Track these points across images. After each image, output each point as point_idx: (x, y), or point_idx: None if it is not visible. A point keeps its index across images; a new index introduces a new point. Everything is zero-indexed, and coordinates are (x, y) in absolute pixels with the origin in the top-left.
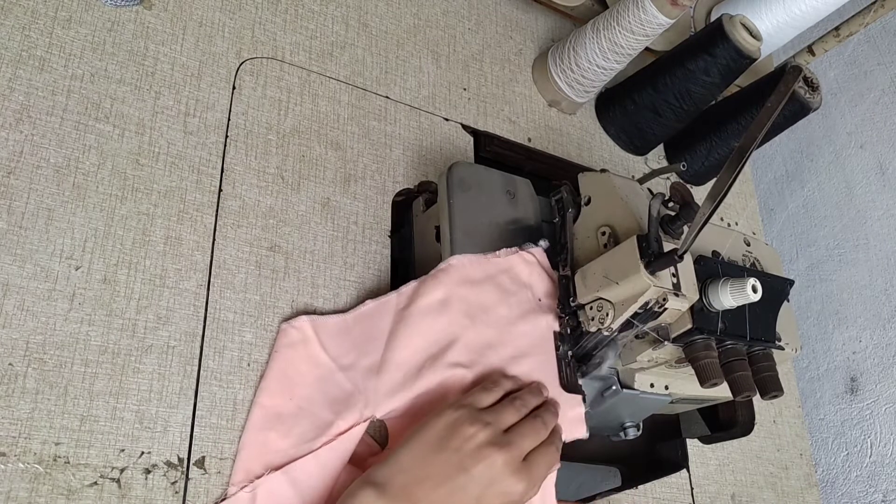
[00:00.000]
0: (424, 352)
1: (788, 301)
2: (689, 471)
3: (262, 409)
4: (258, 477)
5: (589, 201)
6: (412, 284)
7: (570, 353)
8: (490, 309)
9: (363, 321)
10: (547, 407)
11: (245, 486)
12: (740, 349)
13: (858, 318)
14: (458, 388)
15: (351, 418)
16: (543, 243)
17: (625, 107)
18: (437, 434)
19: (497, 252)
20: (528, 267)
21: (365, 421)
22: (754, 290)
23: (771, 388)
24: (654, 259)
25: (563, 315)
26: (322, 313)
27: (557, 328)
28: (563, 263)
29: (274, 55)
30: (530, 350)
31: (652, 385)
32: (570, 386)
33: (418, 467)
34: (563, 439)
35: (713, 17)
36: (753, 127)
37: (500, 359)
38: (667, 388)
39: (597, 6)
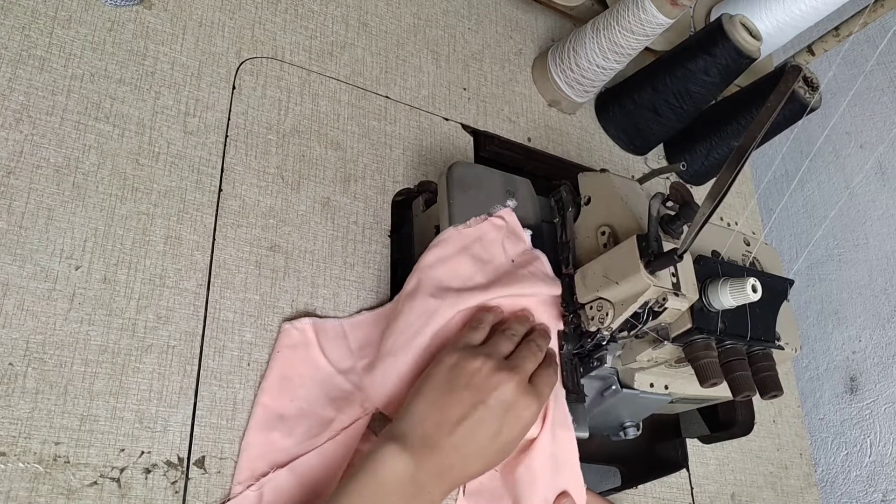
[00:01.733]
0: (404, 332)
1: (788, 301)
2: (688, 470)
3: (264, 410)
4: (264, 475)
5: (589, 201)
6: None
7: (573, 353)
8: (466, 279)
9: (359, 329)
10: (537, 331)
11: (251, 484)
12: (740, 349)
13: (858, 318)
14: (445, 343)
15: (353, 413)
16: (511, 203)
17: (625, 107)
18: (444, 378)
19: (468, 221)
20: (498, 232)
21: (367, 414)
22: (754, 289)
23: (770, 387)
24: (654, 259)
25: (568, 313)
26: (322, 315)
27: (540, 272)
28: (566, 263)
29: (274, 55)
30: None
31: (652, 385)
32: (572, 386)
33: (435, 413)
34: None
35: (713, 17)
36: (753, 127)
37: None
38: (666, 387)
39: (597, 6)
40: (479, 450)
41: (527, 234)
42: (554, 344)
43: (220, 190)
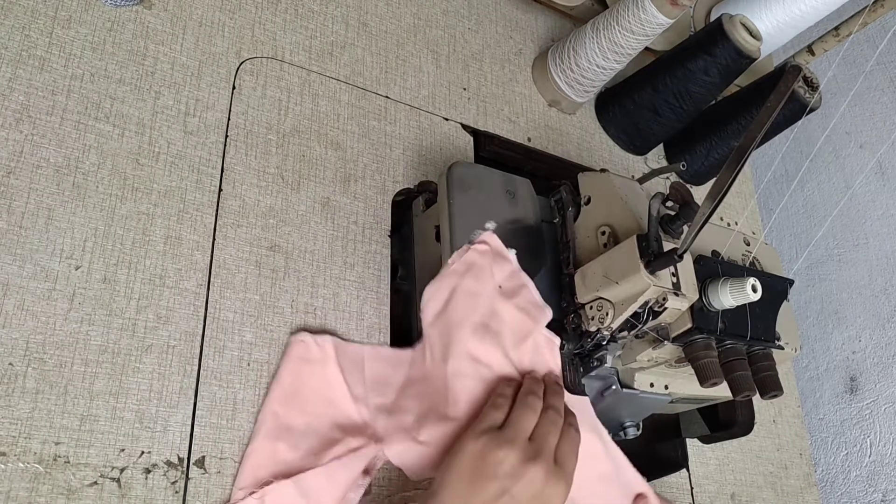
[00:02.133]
0: (428, 398)
1: (788, 301)
2: (688, 470)
3: (274, 418)
4: (266, 484)
5: (589, 201)
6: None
7: (574, 353)
8: (463, 321)
9: (377, 362)
10: (550, 391)
11: (253, 491)
12: (740, 349)
13: (858, 318)
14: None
15: (359, 440)
16: (490, 225)
17: (625, 106)
18: (469, 468)
19: (450, 259)
20: (483, 258)
21: (377, 445)
22: (754, 289)
23: (770, 387)
24: (654, 259)
25: (568, 313)
26: (340, 336)
27: (526, 304)
28: (565, 263)
29: (274, 55)
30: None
31: (652, 385)
32: (573, 387)
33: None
34: None
35: (713, 17)
36: (753, 126)
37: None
38: (666, 387)
39: (597, 6)
40: None
41: (511, 254)
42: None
43: (220, 190)
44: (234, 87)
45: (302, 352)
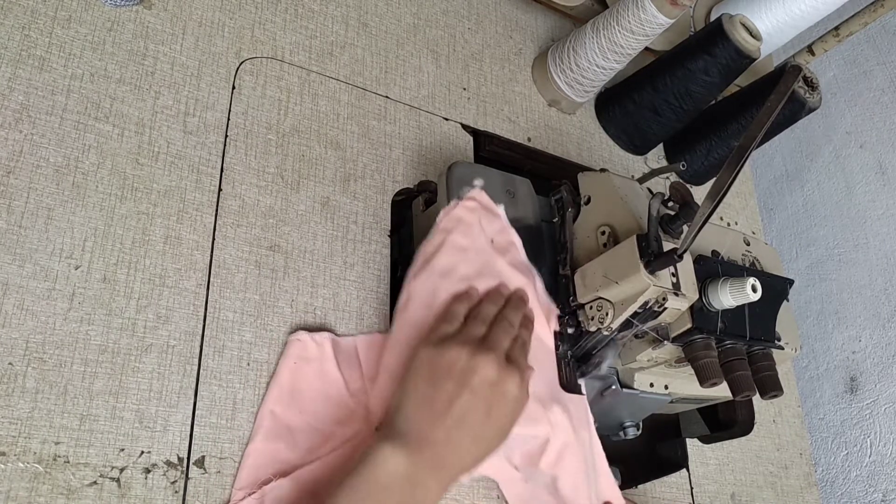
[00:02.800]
0: (401, 345)
1: (788, 301)
2: (688, 470)
3: (273, 419)
4: (266, 483)
5: (589, 201)
6: None
7: (569, 352)
8: (451, 271)
9: (370, 350)
10: (510, 305)
11: (253, 492)
12: (740, 349)
13: (858, 318)
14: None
15: (355, 427)
16: (478, 182)
17: (625, 106)
18: (425, 373)
19: (438, 218)
20: (473, 214)
21: (371, 428)
22: (754, 289)
23: (770, 387)
24: (654, 258)
25: (563, 315)
26: (339, 333)
27: (517, 262)
28: (563, 263)
29: (274, 55)
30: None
31: (651, 385)
32: (569, 386)
33: (423, 408)
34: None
35: (713, 17)
36: (753, 126)
37: None
38: (666, 387)
39: (597, 6)
40: (473, 437)
41: (500, 209)
42: (537, 309)
43: (220, 190)
44: (233, 87)
45: (300, 350)
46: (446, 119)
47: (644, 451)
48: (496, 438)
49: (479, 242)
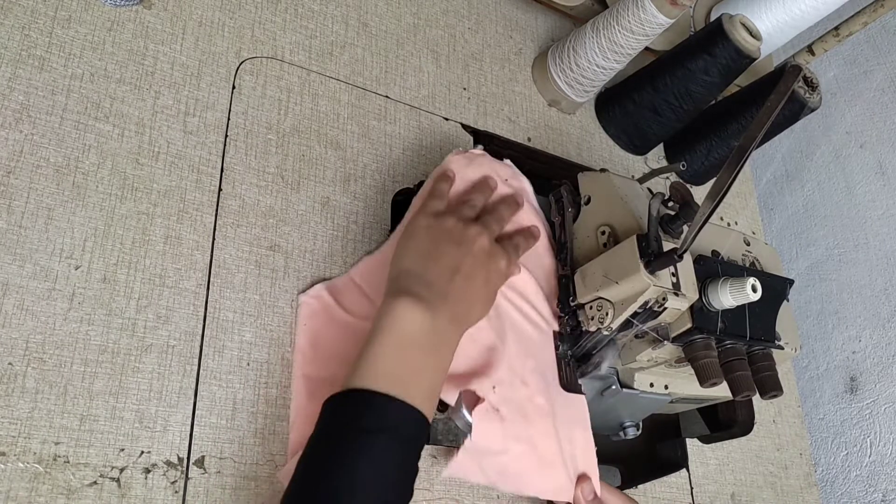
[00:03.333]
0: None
1: (788, 301)
2: (688, 470)
3: (308, 380)
4: None
5: (589, 201)
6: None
7: (569, 352)
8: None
9: (368, 275)
10: (502, 201)
11: None
12: (740, 349)
13: (858, 318)
14: None
15: None
16: (479, 148)
17: (624, 106)
18: (424, 236)
19: (448, 158)
20: (483, 157)
21: None
22: (754, 289)
23: (770, 387)
24: (654, 258)
25: (563, 315)
26: (329, 277)
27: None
28: (563, 263)
29: (274, 55)
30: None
31: (651, 385)
32: (570, 386)
33: (431, 265)
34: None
35: (713, 17)
36: (753, 126)
37: None
38: (666, 387)
39: (597, 6)
40: (477, 295)
41: (507, 161)
42: (530, 217)
43: (220, 190)
44: (233, 87)
45: (306, 312)
46: (446, 119)
47: (644, 451)
48: (489, 302)
49: (491, 182)
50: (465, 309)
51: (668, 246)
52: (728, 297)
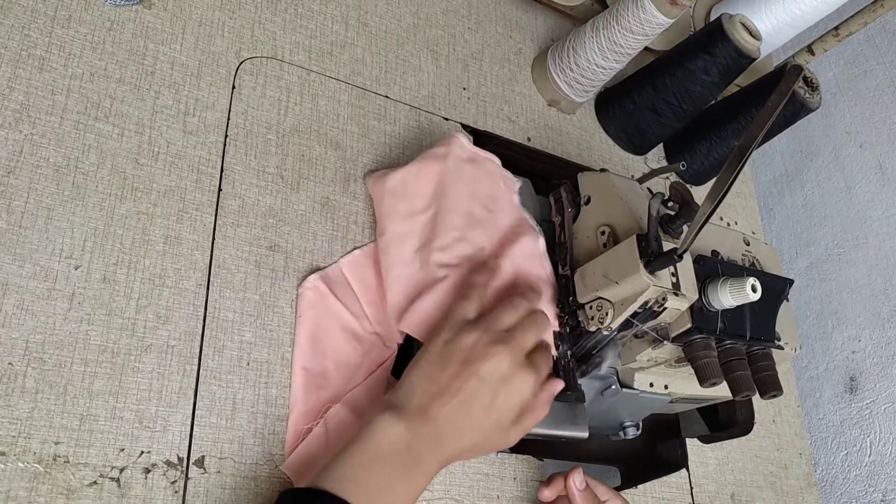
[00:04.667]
0: (405, 263)
1: (788, 300)
2: (688, 470)
3: (306, 373)
4: (325, 411)
5: (588, 201)
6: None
7: (569, 352)
8: (447, 193)
9: (355, 269)
10: (541, 311)
11: (317, 422)
12: (740, 349)
13: (858, 318)
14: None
15: (380, 352)
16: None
17: (624, 106)
18: (438, 353)
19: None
20: (479, 159)
21: (390, 347)
22: (754, 289)
23: (770, 387)
24: (654, 258)
25: (563, 314)
26: (324, 266)
27: (514, 189)
28: (563, 263)
29: (274, 55)
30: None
31: (651, 384)
32: (568, 386)
33: (429, 385)
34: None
35: (713, 17)
36: (753, 126)
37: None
38: (666, 387)
39: (596, 5)
40: (473, 423)
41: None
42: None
43: (220, 190)
44: (233, 87)
45: (304, 303)
46: (446, 119)
47: (644, 451)
48: (496, 433)
49: (482, 170)
50: (453, 435)
51: (668, 246)
52: (728, 297)
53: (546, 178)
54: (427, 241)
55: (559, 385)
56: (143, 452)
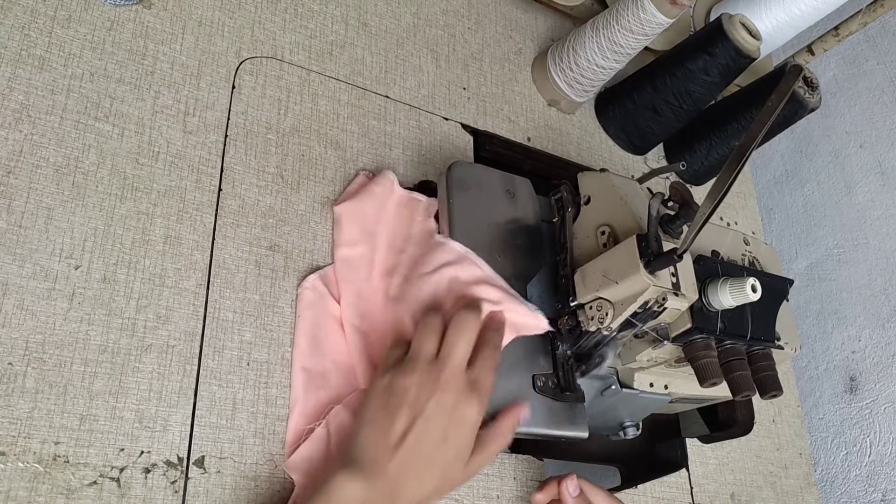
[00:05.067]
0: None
1: (788, 300)
2: (688, 470)
3: (306, 373)
4: (328, 413)
5: (588, 201)
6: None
7: (569, 352)
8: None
9: (339, 266)
10: (465, 308)
11: (319, 423)
12: (740, 349)
13: (858, 318)
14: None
15: (376, 354)
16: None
17: (624, 106)
18: (380, 401)
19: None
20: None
21: (375, 348)
22: (753, 289)
23: (770, 387)
24: (654, 258)
25: (563, 315)
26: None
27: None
28: (563, 263)
29: (273, 54)
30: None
31: (651, 384)
32: (567, 386)
33: (378, 436)
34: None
35: (713, 17)
36: (753, 126)
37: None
38: (666, 387)
39: (596, 5)
40: (429, 463)
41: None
42: (490, 294)
43: (220, 189)
44: (233, 87)
45: (303, 304)
46: (446, 119)
47: (644, 451)
48: (455, 463)
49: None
50: (411, 484)
51: (667, 246)
52: (728, 297)
53: (546, 178)
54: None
55: (511, 420)
56: (143, 452)
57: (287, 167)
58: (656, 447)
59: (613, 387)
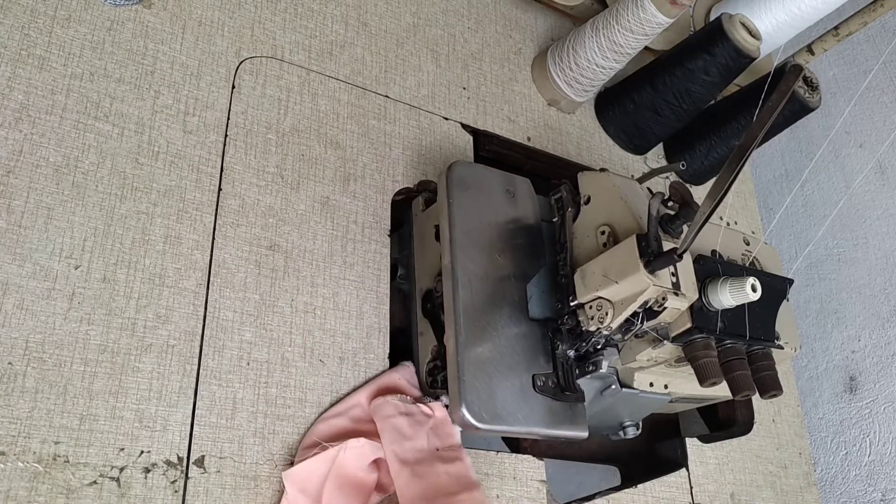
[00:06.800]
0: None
1: (787, 300)
2: (688, 470)
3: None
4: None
5: (588, 200)
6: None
7: (569, 352)
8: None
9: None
10: None
11: (333, 444)
12: (739, 348)
13: (857, 318)
14: None
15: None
16: (444, 399)
17: (624, 106)
18: None
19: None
20: (426, 418)
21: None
22: (753, 289)
23: (770, 387)
24: (654, 258)
25: (563, 314)
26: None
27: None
28: (563, 263)
29: (273, 54)
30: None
31: (651, 384)
32: (567, 386)
33: None
34: None
35: (712, 17)
36: (754, 126)
37: None
38: (666, 387)
39: (596, 5)
40: None
41: (457, 431)
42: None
43: (220, 189)
44: (233, 87)
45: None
46: (446, 119)
47: (644, 450)
48: None
49: (419, 443)
50: None
51: (667, 246)
52: (728, 296)
53: (546, 177)
54: None
55: None
56: (142, 452)
57: (287, 167)
58: (656, 447)
59: (613, 386)
